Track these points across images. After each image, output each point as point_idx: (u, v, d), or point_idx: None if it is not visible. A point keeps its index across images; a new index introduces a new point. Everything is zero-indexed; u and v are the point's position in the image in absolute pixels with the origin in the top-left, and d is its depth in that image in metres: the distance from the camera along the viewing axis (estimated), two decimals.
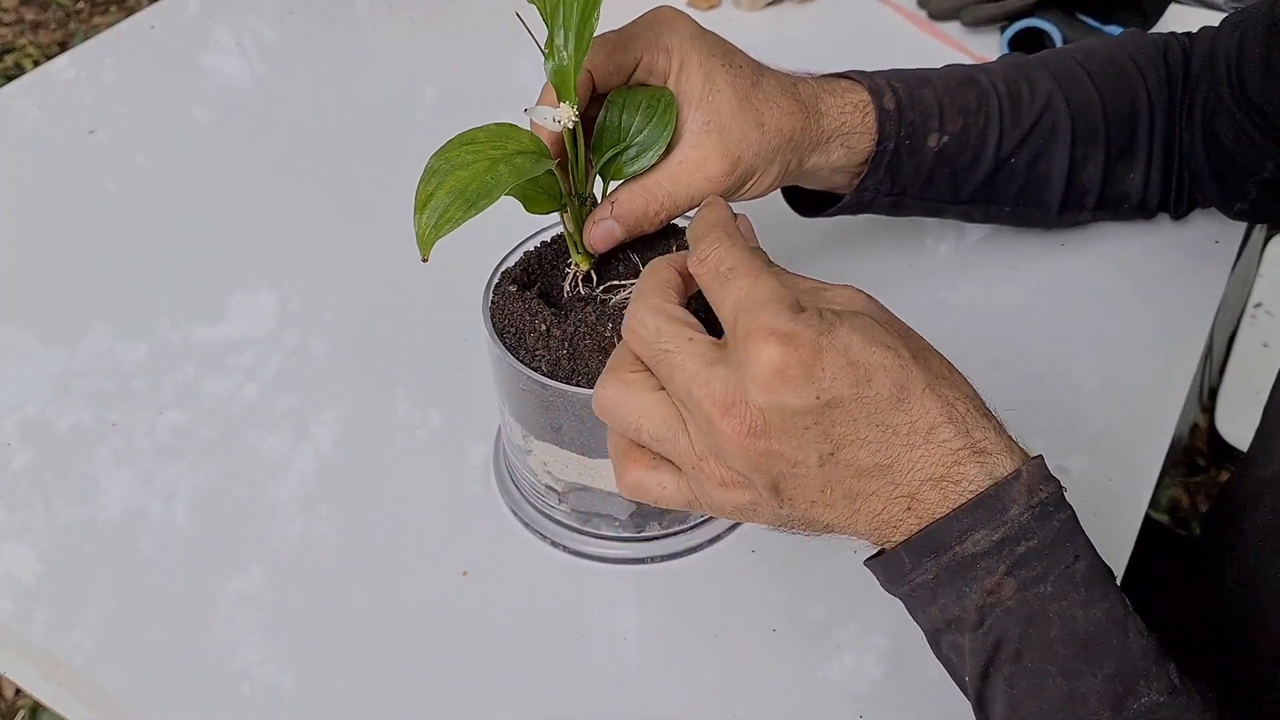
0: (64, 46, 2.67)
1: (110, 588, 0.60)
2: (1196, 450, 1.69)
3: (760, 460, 0.41)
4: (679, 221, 0.58)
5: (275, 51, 1.07)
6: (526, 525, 0.61)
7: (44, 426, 0.69)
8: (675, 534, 0.59)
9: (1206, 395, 1.32)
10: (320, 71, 1.02)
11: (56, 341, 0.76)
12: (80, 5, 2.83)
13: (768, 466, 0.41)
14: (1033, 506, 0.41)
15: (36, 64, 2.60)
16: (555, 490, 0.57)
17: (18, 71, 2.58)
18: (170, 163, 0.92)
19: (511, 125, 0.49)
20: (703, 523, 0.59)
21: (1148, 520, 0.62)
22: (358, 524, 0.63)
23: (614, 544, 0.59)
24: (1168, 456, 0.65)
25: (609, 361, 0.46)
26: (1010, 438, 0.44)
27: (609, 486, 0.55)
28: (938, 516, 0.42)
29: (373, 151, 0.92)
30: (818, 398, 0.40)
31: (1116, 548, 0.59)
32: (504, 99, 0.94)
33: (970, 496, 0.41)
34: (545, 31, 0.49)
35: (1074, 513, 0.43)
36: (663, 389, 0.44)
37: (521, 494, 0.61)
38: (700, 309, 0.46)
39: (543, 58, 0.49)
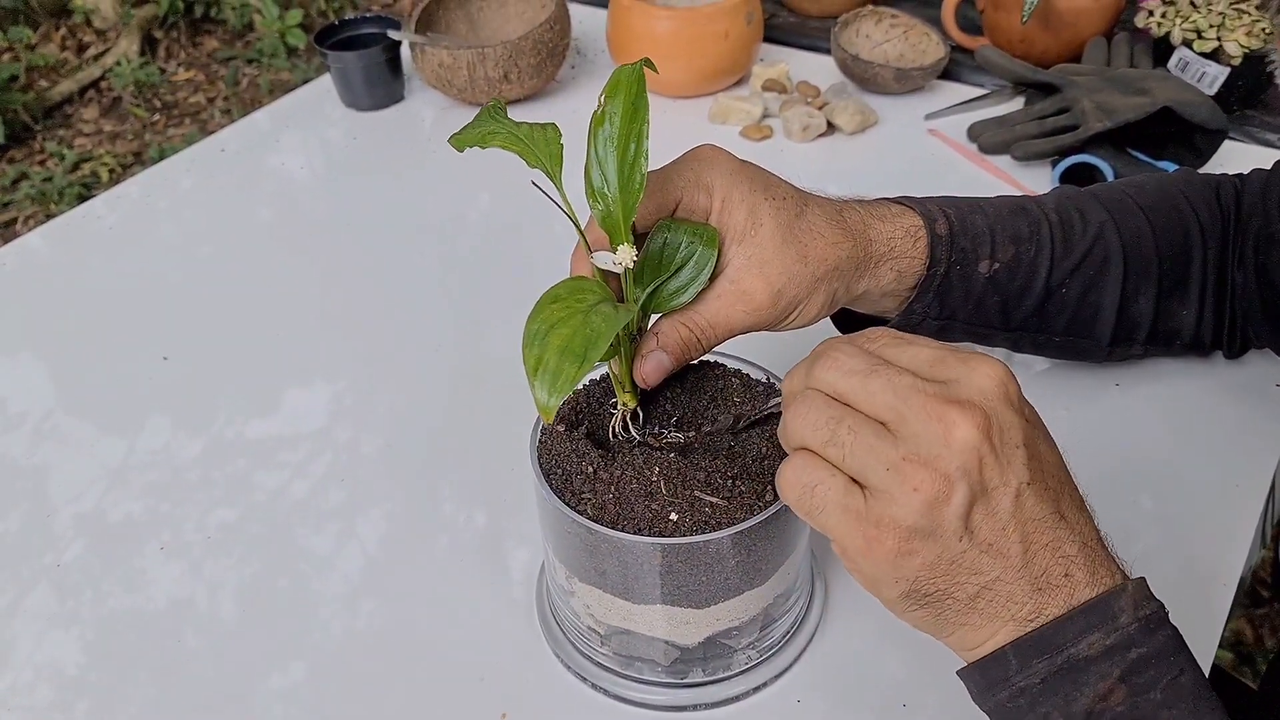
0: (138, 157, 2.79)
1: (152, 679, 0.61)
2: (1260, 581, 1.63)
3: (974, 463, 0.41)
4: (709, 357, 0.59)
5: (339, 166, 1.11)
6: (568, 666, 0.60)
7: (98, 518, 0.71)
8: (718, 681, 0.57)
9: (1271, 526, 1.28)
10: (380, 184, 1.06)
11: (116, 433, 0.78)
12: (156, 117, 2.95)
13: (977, 475, 0.42)
14: (1139, 618, 0.42)
15: (112, 172, 2.71)
16: (597, 632, 0.57)
17: (94, 179, 2.69)
18: (233, 263, 0.96)
19: (581, 278, 0.51)
20: (747, 670, 0.58)
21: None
22: (399, 631, 0.63)
23: (656, 689, 0.57)
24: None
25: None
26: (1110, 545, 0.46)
27: (651, 631, 0.54)
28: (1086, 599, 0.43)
29: (430, 259, 0.96)
30: (1027, 420, 0.43)
31: None
32: (556, 214, 0.96)
33: (1086, 587, 0.43)
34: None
35: (1178, 632, 0.44)
36: None
37: (564, 633, 0.60)
38: None
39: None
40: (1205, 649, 0.60)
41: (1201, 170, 0.95)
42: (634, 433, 0.55)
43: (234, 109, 2.96)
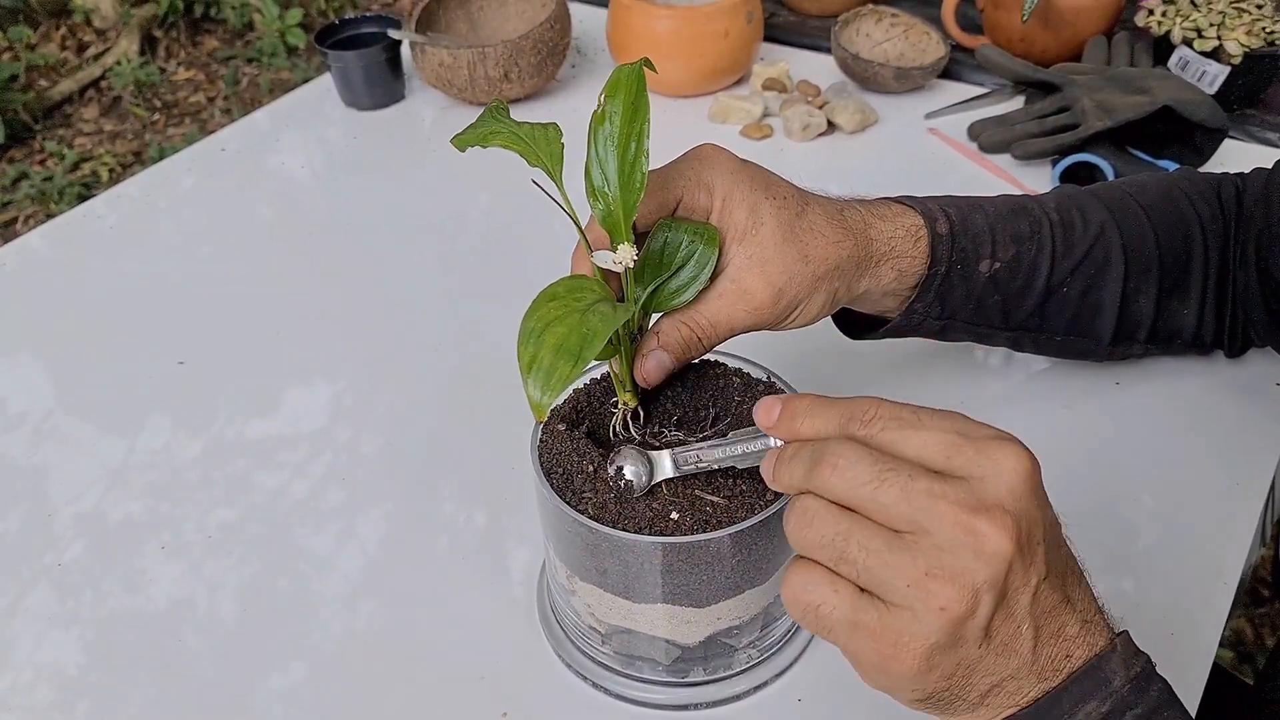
0: (138, 156, 2.78)
1: (152, 679, 0.61)
2: (1260, 580, 1.63)
3: (1003, 573, 0.39)
4: (710, 356, 0.58)
5: (339, 166, 1.11)
6: (569, 666, 0.60)
7: (98, 518, 0.71)
8: (719, 680, 0.57)
9: (1271, 525, 1.28)
10: (380, 184, 1.06)
11: (116, 433, 0.78)
12: (156, 117, 2.95)
13: (1004, 583, 0.39)
14: (1131, 678, 0.42)
15: (112, 172, 2.71)
16: (598, 631, 0.57)
17: (94, 179, 2.69)
18: (234, 263, 0.96)
19: (581, 276, 0.50)
20: (748, 669, 0.58)
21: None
22: (399, 631, 0.63)
23: (657, 689, 0.58)
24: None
25: (801, 495, 0.43)
26: (1102, 605, 0.44)
27: (652, 630, 0.54)
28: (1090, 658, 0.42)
29: (430, 258, 0.96)
30: (1048, 512, 0.41)
31: None
32: (557, 214, 0.96)
33: (1079, 665, 0.42)
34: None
35: (1167, 684, 0.43)
36: None
37: (565, 633, 0.60)
38: None
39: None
40: (1206, 647, 0.60)
41: (1202, 169, 0.95)
42: (634, 432, 0.55)
43: (234, 108, 2.96)
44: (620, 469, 0.51)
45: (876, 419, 0.43)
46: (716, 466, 0.50)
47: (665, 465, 0.51)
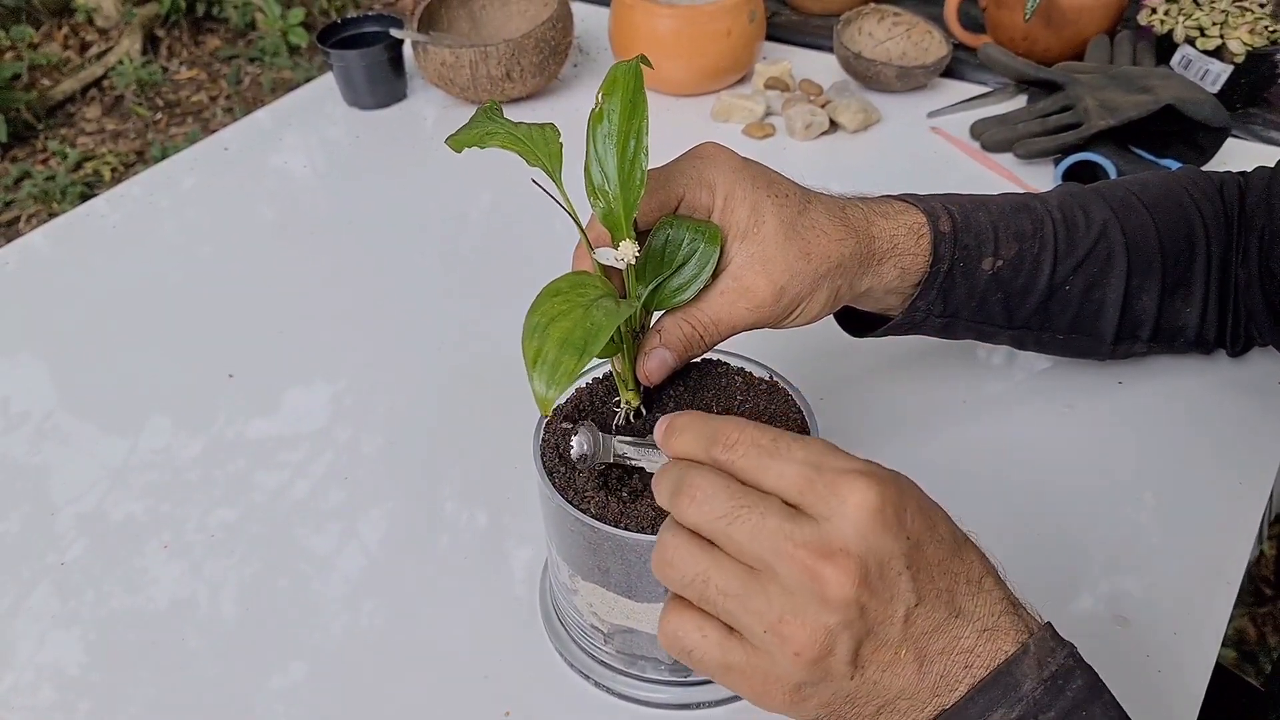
0: (141, 155, 2.79)
1: (153, 679, 0.61)
2: (1262, 579, 1.63)
3: (855, 614, 0.39)
4: (712, 355, 0.58)
5: (341, 165, 1.11)
6: (571, 665, 0.60)
7: (99, 517, 0.71)
8: None
9: (1271, 522, 1.28)
10: (382, 183, 1.06)
11: (117, 433, 0.78)
12: (158, 116, 2.95)
13: (860, 622, 0.40)
14: (1044, 680, 0.41)
15: (114, 171, 2.71)
16: (601, 631, 0.57)
17: (96, 178, 2.69)
18: (235, 262, 0.96)
19: (584, 273, 0.50)
20: None
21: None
22: (401, 630, 0.63)
23: (660, 688, 0.57)
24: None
25: (665, 524, 0.45)
26: (1018, 601, 0.43)
27: (654, 629, 0.54)
28: (993, 667, 0.41)
29: (432, 258, 0.95)
30: (908, 538, 0.40)
31: (1183, 705, 0.57)
32: (558, 213, 0.96)
33: (987, 671, 0.41)
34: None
35: (1092, 676, 0.42)
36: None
37: (567, 632, 0.60)
38: None
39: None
40: (1209, 646, 0.60)
41: (1204, 168, 0.95)
42: (637, 431, 0.55)
43: (236, 108, 2.96)
44: (570, 439, 0.51)
45: (738, 444, 0.43)
46: (635, 463, 0.51)
47: (609, 448, 0.52)
